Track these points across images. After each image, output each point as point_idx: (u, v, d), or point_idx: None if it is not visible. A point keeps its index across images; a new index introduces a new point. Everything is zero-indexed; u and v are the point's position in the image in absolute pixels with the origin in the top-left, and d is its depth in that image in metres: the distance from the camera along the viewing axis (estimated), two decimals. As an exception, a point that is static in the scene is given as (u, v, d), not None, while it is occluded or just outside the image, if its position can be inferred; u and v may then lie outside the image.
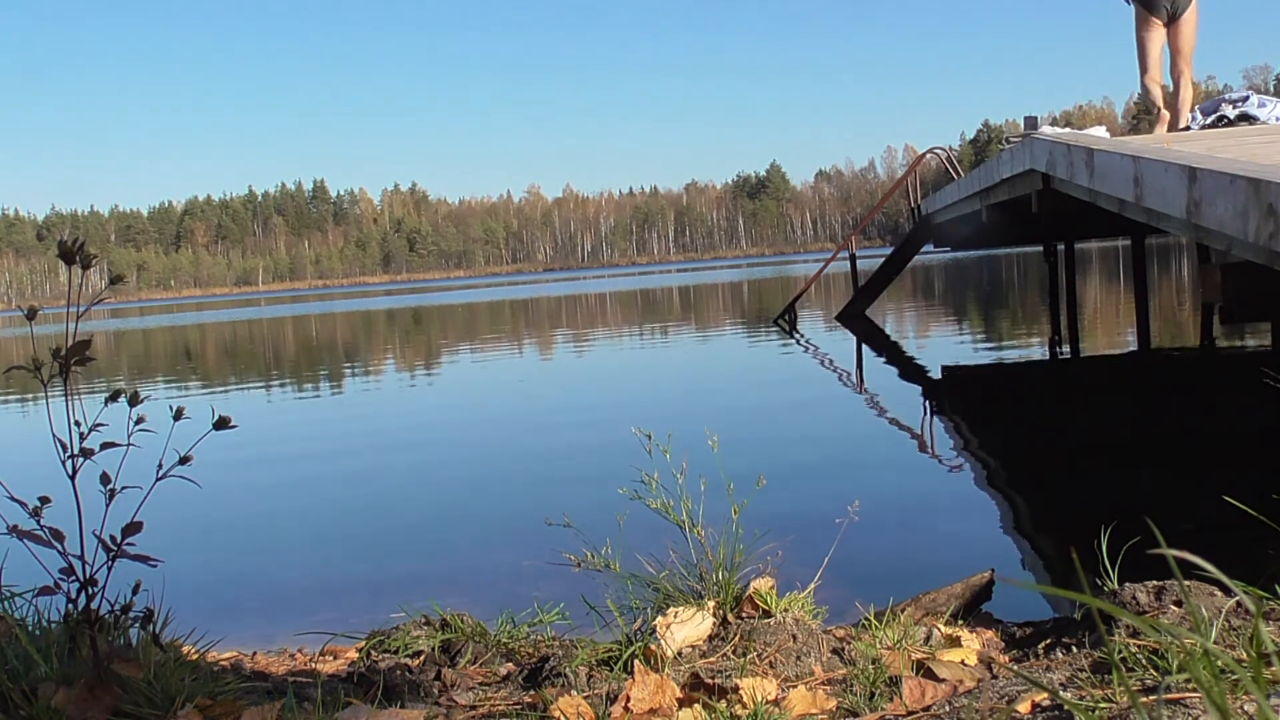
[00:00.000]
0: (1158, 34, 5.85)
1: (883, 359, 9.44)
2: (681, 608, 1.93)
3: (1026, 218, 6.36)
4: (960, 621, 2.20)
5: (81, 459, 1.49)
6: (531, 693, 1.80)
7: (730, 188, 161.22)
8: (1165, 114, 6.05)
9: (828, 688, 1.70)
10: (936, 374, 7.86)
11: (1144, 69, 5.91)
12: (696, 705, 1.61)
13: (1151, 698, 1.35)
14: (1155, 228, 3.73)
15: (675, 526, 2.09)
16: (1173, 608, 1.80)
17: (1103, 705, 1.37)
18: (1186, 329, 9.65)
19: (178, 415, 1.50)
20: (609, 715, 1.59)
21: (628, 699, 1.61)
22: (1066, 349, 8.66)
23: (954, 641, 1.93)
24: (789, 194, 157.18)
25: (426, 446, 6.10)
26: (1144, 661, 1.50)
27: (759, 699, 1.58)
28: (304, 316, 32.51)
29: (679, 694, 1.66)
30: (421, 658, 2.13)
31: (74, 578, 1.52)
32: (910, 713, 1.55)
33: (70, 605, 1.54)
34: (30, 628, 1.67)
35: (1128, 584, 1.88)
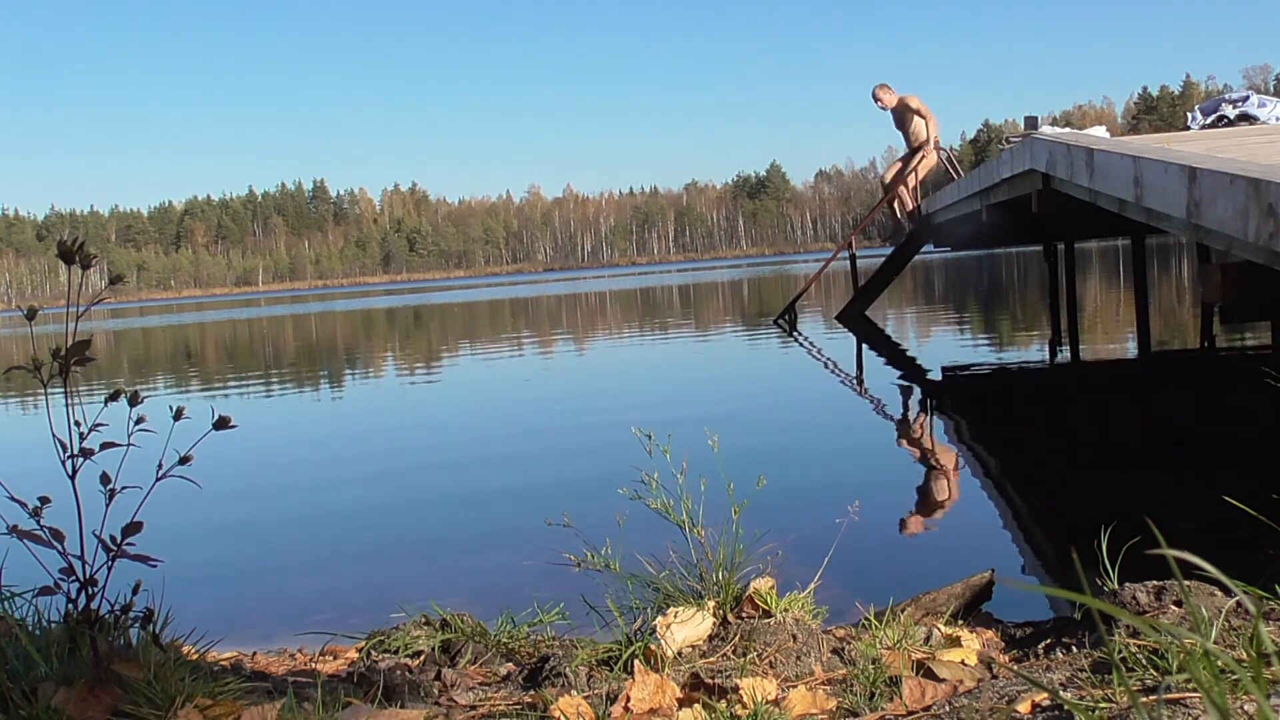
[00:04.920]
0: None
1: (883, 359, 9.44)
2: (681, 608, 1.93)
3: (1026, 218, 6.35)
4: (960, 621, 2.20)
5: (81, 459, 1.49)
6: (531, 693, 1.80)
7: (730, 188, 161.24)
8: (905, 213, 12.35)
9: (828, 688, 1.70)
10: (936, 374, 7.86)
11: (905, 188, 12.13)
12: (696, 705, 1.61)
13: (1151, 698, 1.35)
14: (1155, 228, 3.73)
15: (675, 526, 2.09)
16: (1173, 608, 1.80)
17: (1103, 705, 1.37)
18: (1186, 329, 9.65)
19: (177, 415, 1.50)
20: (609, 715, 1.59)
21: (628, 699, 1.61)
22: (1066, 349, 8.66)
23: (954, 641, 1.93)
24: (789, 194, 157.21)
25: (427, 445, 6.10)
26: (1144, 661, 1.50)
27: (759, 699, 1.59)
28: (304, 316, 32.51)
29: (679, 694, 1.66)
30: (421, 658, 2.13)
31: (74, 578, 1.52)
32: (910, 713, 1.55)
33: (70, 605, 1.54)
34: (30, 628, 1.67)
35: (1128, 584, 1.88)
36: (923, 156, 12.28)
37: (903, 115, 12.31)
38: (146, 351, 19.45)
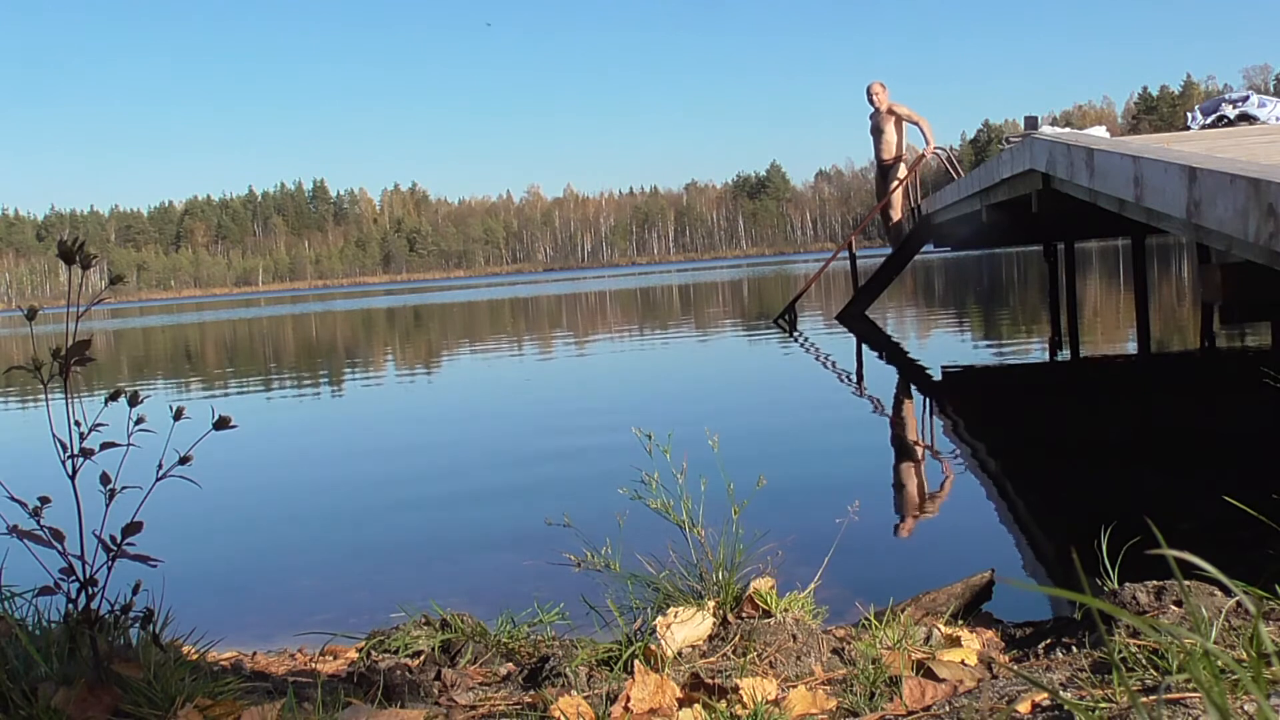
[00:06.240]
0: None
1: (883, 359, 9.44)
2: (681, 608, 1.93)
3: (1026, 218, 6.36)
4: (960, 621, 2.20)
5: (81, 459, 1.49)
6: (531, 693, 1.80)
7: (730, 188, 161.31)
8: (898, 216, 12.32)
9: (828, 688, 1.70)
10: (936, 374, 7.86)
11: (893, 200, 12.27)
12: (696, 705, 1.60)
13: (1151, 698, 1.35)
14: (1155, 228, 3.73)
15: (675, 526, 2.09)
16: (1173, 608, 1.80)
17: (1103, 705, 1.37)
18: (1186, 329, 9.65)
19: (177, 415, 1.50)
20: (609, 715, 1.59)
21: (628, 699, 1.61)
22: (1066, 349, 8.66)
23: (954, 641, 1.93)
24: (789, 194, 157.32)
25: (427, 445, 6.10)
26: (1144, 661, 1.50)
27: (759, 699, 1.58)
28: (304, 316, 32.50)
29: (679, 694, 1.66)
30: (421, 658, 2.13)
31: (74, 578, 1.52)
32: (910, 713, 1.55)
33: (70, 605, 1.54)
34: (30, 628, 1.67)
35: (1128, 584, 1.88)
36: (924, 158, 12.34)
37: (882, 123, 12.29)
38: (146, 351, 19.45)
